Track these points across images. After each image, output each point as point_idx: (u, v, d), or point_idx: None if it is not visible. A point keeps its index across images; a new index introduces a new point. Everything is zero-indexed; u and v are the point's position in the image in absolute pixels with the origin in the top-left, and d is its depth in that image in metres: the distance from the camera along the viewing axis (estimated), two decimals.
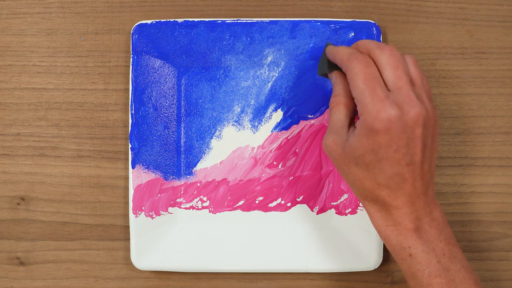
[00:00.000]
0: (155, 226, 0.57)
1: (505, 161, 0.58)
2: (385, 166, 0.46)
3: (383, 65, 0.47)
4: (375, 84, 0.46)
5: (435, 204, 0.48)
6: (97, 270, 0.58)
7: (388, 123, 0.45)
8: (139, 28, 0.57)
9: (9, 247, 0.58)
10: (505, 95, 0.59)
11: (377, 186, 0.47)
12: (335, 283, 0.58)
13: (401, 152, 0.45)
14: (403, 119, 0.45)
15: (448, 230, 0.48)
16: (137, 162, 0.57)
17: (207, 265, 0.56)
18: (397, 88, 0.46)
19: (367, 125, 0.45)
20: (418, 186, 0.46)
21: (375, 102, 0.45)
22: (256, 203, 0.58)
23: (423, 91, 0.47)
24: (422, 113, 0.45)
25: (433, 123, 0.47)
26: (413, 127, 0.45)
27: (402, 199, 0.46)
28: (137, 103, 0.57)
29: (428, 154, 0.47)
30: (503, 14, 0.59)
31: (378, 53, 0.47)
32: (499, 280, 0.58)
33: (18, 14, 0.59)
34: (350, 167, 0.47)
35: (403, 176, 0.46)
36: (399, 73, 0.46)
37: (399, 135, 0.45)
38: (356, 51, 0.48)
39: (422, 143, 0.46)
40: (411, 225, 0.47)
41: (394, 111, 0.45)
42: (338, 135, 0.48)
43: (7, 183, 0.58)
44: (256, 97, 0.58)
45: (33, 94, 0.59)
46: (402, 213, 0.47)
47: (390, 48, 0.47)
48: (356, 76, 0.46)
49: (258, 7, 0.59)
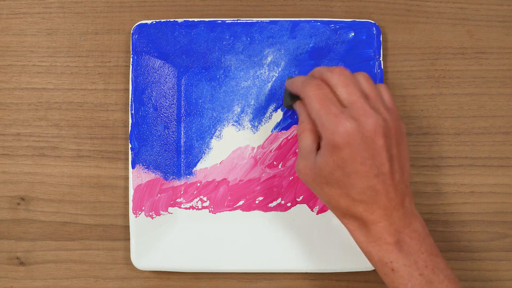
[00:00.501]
0: (155, 226, 0.57)
1: (505, 161, 0.58)
2: (354, 180, 0.46)
3: (335, 85, 0.48)
4: (328, 103, 0.47)
5: (415, 215, 0.48)
6: (97, 270, 0.58)
7: (347, 136, 0.45)
8: (139, 28, 0.57)
9: (9, 247, 0.58)
10: (505, 95, 0.59)
11: (352, 202, 0.47)
12: (335, 283, 0.58)
13: (367, 164, 0.46)
14: (360, 130, 0.46)
15: (430, 241, 0.48)
16: (137, 162, 0.57)
17: (207, 265, 0.56)
18: (351, 103, 0.47)
19: (329, 143, 0.46)
20: (392, 197, 0.47)
21: (331, 118, 0.46)
22: (256, 203, 0.58)
23: (379, 103, 0.48)
24: (380, 123, 0.46)
25: (395, 132, 0.47)
26: (373, 138, 0.46)
27: (378, 213, 0.47)
28: (137, 103, 0.57)
29: (397, 164, 0.47)
30: (503, 14, 0.59)
31: (329, 75, 0.48)
32: (499, 280, 0.58)
33: (18, 14, 0.59)
34: (323, 187, 0.48)
35: (375, 188, 0.46)
36: (350, 89, 0.47)
37: (360, 146, 0.46)
38: (309, 77, 0.50)
39: (386, 153, 0.46)
40: (391, 239, 0.47)
41: (350, 123, 0.46)
42: (308, 160, 0.49)
43: (7, 183, 0.58)
44: (256, 97, 0.58)
45: (33, 94, 0.59)
46: (381, 227, 0.47)
47: (340, 69, 0.48)
48: (310, 99, 0.48)
49: (258, 7, 0.59)
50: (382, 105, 0.48)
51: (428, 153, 0.58)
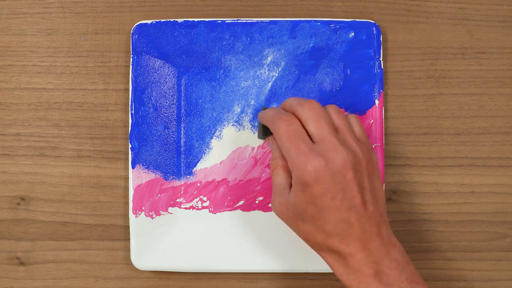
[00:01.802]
0: (155, 226, 0.57)
1: (505, 161, 0.58)
2: (327, 215, 0.47)
3: (305, 120, 0.48)
4: (298, 140, 0.47)
5: (392, 243, 0.48)
6: (97, 270, 0.58)
7: (316, 174, 0.46)
8: (139, 28, 0.57)
9: (9, 247, 0.58)
10: (505, 95, 0.59)
11: (327, 236, 0.47)
12: (335, 283, 0.58)
13: (337, 199, 0.46)
14: (329, 166, 0.46)
15: (410, 268, 0.48)
16: (137, 162, 0.57)
17: (207, 265, 0.56)
18: (321, 139, 0.47)
19: (299, 180, 0.47)
20: (367, 228, 0.47)
21: (300, 156, 0.47)
22: (256, 203, 0.58)
23: (349, 135, 0.48)
24: (348, 158, 0.47)
25: (366, 164, 0.48)
26: (343, 172, 0.46)
27: (354, 245, 0.47)
28: (137, 103, 0.57)
29: (369, 195, 0.47)
30: (503, 14, 0.59)
31: (299, 109, 0.49)
32: (499, 280, 0.58)
33: (18, 14, 0.59)
34: (298, 224, 0.48)
35: (349, 221, 0.46)
36: (320, 124, 0.48)
37: (330, 182, 0.46)
38: (280, 111, 0.50)
39: (357, 186, 0.47)
40: (370, 271, 0.47)
41: (319, 161, 0.46)
42: (282, 197, 0.49)
43: (7, 183, 0.58)
44: (256, 97, 0.58)
45: (33, 94, 0.59)
46: (359, 260, 0.47)
47: (310, 103, 0.49)
48: (281, 136, 0.48)
49: (258, 7, 0.59)
50: (352, 137, 0.48)
51: (428, 153, 0.58)
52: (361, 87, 0.57)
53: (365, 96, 0.57)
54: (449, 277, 0.58)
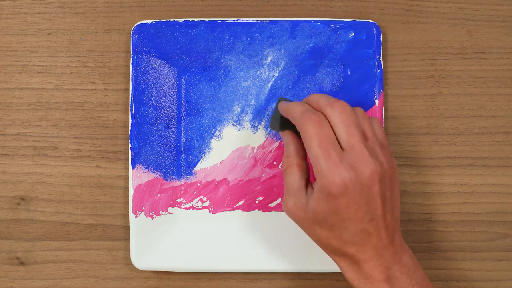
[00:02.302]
0: (155, 226, 0.57)
1: (505, 161, 0.58)
2: (348, 225, 0.46)
3: (335, 123, 0.47)
4: (329, 148, 0.46)
5: (404, 249, 0.48)
6: (97, 270, 0.58)
7: (344, 187, 0.45)
8: (139, 28, 0.57)
9: (9, 247, 0.58)
10: (505, 95, 0.59)
11: (344, 244, 0.47)
12: (335, 283, 0.58)
13: (362, 211, 0.46)
14: (358, 180, 0.46)
15: (420, 272, 0.48)
16: (137, 162, 0.57)
17: (207, 265, 0.56)
18: (350, 146, 0.46)
19: (325, 190, 0.46)
20: (383, 237, 0.47)
21: (330, 166, 0.46)
22: (256, 203, 0.58)
23: (376, 143, 0.48)
24: (377, 170, 0.46)
25: (390, 174, 0.48)
26: (370, 186, 0.46)
27: (370, 253, 0.47)
28: (137, 103, 0.57)
29: (389, 205, 0.47)
30: (503, 14, 0.59)
31: (329, 111, 0.47)
32: (499, 280, 0.58)
33: (18, 14, 0.59)
34: (315, 229, 0.48)
35: (368, 231, 0.47)
36: (351, 130, 0.47)
37: (357, 195, 0.46)
38: (309, 108, 0.48)
39: (381, 198, 0.47)
40: (382, 276, 0.47)
41: (349, 174, 0.45)
42: (297, 198, 0.48)
43: (7, 183, 0.58)
44: (256, 97, 0.58)
45: (33, 94, 0.59)
46: (372, 266, 0.47)
47: (341, 105, 0.48)
48: (311, 138, 0.47)
49: (258, 7, 0.59)
50: (378, 145, 0.48)
51: (428, 153, 0.58)
52: (361, 87, 0.57)
53: (365, 96, 0.57)
54: (449, 277, 0.58)
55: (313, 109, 0.49)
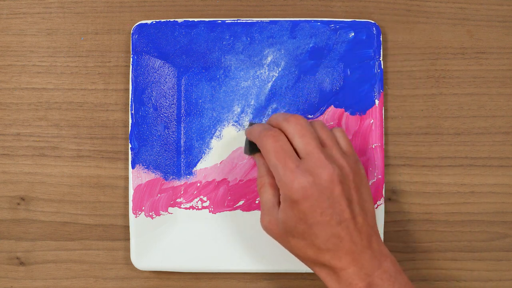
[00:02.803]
0: (155, 226, 0.57)
1: (505, 161, 0.58)
2: (317, 230, 0.47)
3: (291, 135, 0.48)
4: (285, 157, 0.47)
5: (384, 254, 0.48)
6: (97, 270, 0.58)
7: (304, 191, 0.46)
8: (139, 28, 0.57)
9: (9, 247, 0.58)
10: (505, 95, 0.59)
11: (319, 251, 0.47)
12: None
13: (327, 214, 0.46)
14: (317, 183, 0.46)
15: (402, 278, 0.48)
16: (137, 162, 0.57)
17: (207, 265, 0.56)
18: (307, 154, 0.47)
19: (287, 198, 0.47)
20: (357, 241, 0.47)
21: (287, 174, 0.47)
22: (256, 203, 0.58)
23: (335, 149, 0.49)
24: (335, 172, 0.47)
25: (353, 177, 0.48)
26: (330, 188, 0.46)
27: (345, 259, 0.47)
28: (137, 103, 0.57)
29: (358, 208, 0.48)
30: (503, 14, 0.59)
31: (285, 124, 0.49)
32: (499, 280, 0.58)
33: (18, 14, 0.59)
34: (289, 240, 0.49)
35: (339, 235, 0.47)
36: (306, 140, 0.48)
37: (318, 199, 0.46)
38: (267, 127, 0.50)
39: (346, 199, 0.47)
40: (362, 284, 0.47)
41: (306, 178, 0.46)
42: (271, 215, 0.49)
43: (7, 183, 0.58)
44: (256, 97, 0.58)
45: (33, 94, 0.59)
46: (351, 273, 0.47)
47: (296, 118, 0.49)
48: (268, 152, 0.48)
49: (258, 7, 0.59)
50: (339, 151, 0.49)
51: (428, 153, 0.58)
52: (361, 87, 0.57)
53: (365, 96, 0.57)
54: (449, 277, 0.58)
55: (271, 127, 0.50)
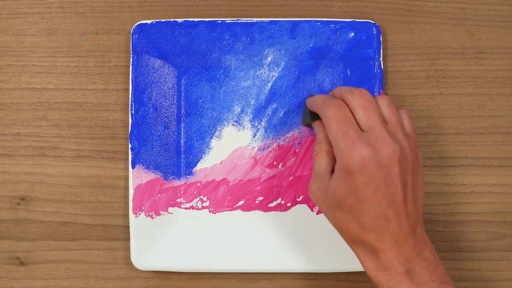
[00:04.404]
0: (155, 226, 0.57)
1: (505, 161, 0.58)
2: (367, 207, 0.46)
3: (354, 107, 0.47)
4: (347, 126, 0.46)
5: (426, 243, 0.48)
6: (97, 270, 0.58)
7: (362, 163, 0.45)
8: (139, 28, 0.57)
9: (9, 247, 0.58)
10: (505, 95, 0.59)
11: (363, 229, 0.46)
12: (335, 283, 0.58)
13: (380, 192, 0.45)
14: (377, 158, 0.45)
15: (441, 268, 0.47)
16: (137, 162, 0.57)
17: (207, 265, 0.56)
18: (370, 128, 0.46)
19: (343, 167, 0.46)
20: (404, 226, 0.46)
21: (348, 143, 0.46)
22: (256, 203, 0.58)
23: (398, 129, 0.48)
24: (396, 151, 0.45)
25: (412, 161, 0.47)
26: (389, 166, 0.45)
27: (389, 242, 0.46)
28: (137, 103, 0.57)
29: (410, 193, 0.47)
30: (503, 14, 0.59)
31: (349, 96, 0.48)
32: (499, 280, 0.58)
33: (18, 14, 0.59)
34: (334, 212, 0.47)
35: (387, 217, 0.46)
36: (370, 113, 0.47)
37: (375, 174, 0.45)
38: (330, 97, 0.49)
39: (401, 182, 0.46)
40: (401, 269, 0.46)
41: (367, 150, 0.45)
42: (321, 182, 0.48)
43: (7, 183, 0.58)
44: (256, 97, 0.58)
45: (33, 94, 0.59)
46: (391, 256, 0.46)
47: (360, 91, 0.48)
48: (329, 119, 0.47)
49: (258, 7, 0.59)
50: (402, 131, 0.48)
51: (428, 153, 0.58)
52: (361, 87, 0.57)
53: None
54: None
55: (334, 98, 0.49)
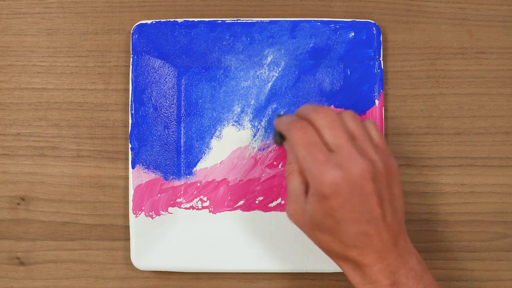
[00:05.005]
0: (155, 226, 0.57)
1: (505, 161, 0.58)
2: (346, 227, 0.45)
3: (320, 127, 0.46)
4: (314, 150, 0.45)
5: (410, 252, 0.47)
6: (97, 270, 0.58)
7: (335, 186, 0.44)
8: (139, 28, 0.57)
9: (9, 247, 0.58)
10: (505, 95, 0.59)
11: (345, 247, 0.46)
12: (335, 283, 0.58)
13: (357, 211, 0.45)
14: (348, 178, 0.44)
15: (428, 276, 0.47)
16: (137, 162, 0.57)
17: (207, 265, 0.56)
18: (338, 147, 0.46)
19: (317, 191, 0.45)
20: (385, 239, 0.46)
21: (317, 166, 0.45)
22: (256, 203, 0.58)
23: (367, 143, 0.47)
24: (368, 168, 0.45)
25: (386, 173, 0.46)
26: (362, 184, 0.45)
27: (372, 256, 0.46)
28: (137, 103, 0.57)
29: (388, 206, 0.46)
30: (503, 14, 0.59)
31: (314, 116, 0.47)
32: (499, 280, 0.58)
33: (18, 14, 0.59)
34: (315, 233, 0.47)
35: (367, 233, 0.45)
36: (336, 132, 0.46)
37: (348, 195, 0.45)
38: (296, 118, 0.48)
39: (377, 197, 0.45)
40: (387, 281, 0.46)
41: (337, 172, 0.44)
42: (298, 204, 0.48)
43: (7, 183, 0.58)
44: (256, 97, 0.58)
45: (33, 94, 0.59)
46: (376, 271, 0.46)
47: (324, 109, 0.47)
48: (296, 144, 0.46)
49: (258, 7, 0.59)
50: (371, 144, 0.47)
51: (428, 153, 0.58)
52: (361, 87, 0.57)
53: (365, 96, 0.57)
54: (449, 277, 0.58)
55: (299, 118, 0.48)
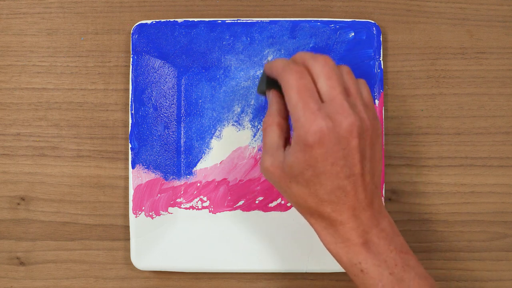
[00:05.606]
0: (155, 226, 0.57)
1: (505, 161, 0.58)
2: (324, 180, 0.45)
3: (317, 74, 0.46)
4: (307, 97, 0.45)
5: (383, 215, 0.47)
6: (97, 270, 0.58)
7: (321, 136, 0.44)
8: (139, 28, 0.57)
9: (9, 247, 0.58)
10: (505, 95, 0.59)
11: (320, 202, 0.46)
12: (335, 283, 0.58)
13: (338, 165, 0.45)
14: (336, 130, 0.44)
15: (399, 239, 0.47)
16: (137, 162, 0.57)
17: (207, 265, 0.56)
18: (330, 98, 0.45)
19: (301, 140, 0.44)
20: (361, 198, 0.46)
21: (307, 115, 0.44)
22: (256, 203, 0.58)
23: (358, 100, 0.46)
24: (356, 123, 0.44)
25: (371, 133, 0.46)
26: (348, 138, 0.44)
27: (346, 214, 0.46)
28: (137, 103, 0.57)
29: (368, 165, 0.46)
30: (503, 14, 0.59)
31: (312, 63, 0.46)
32: (499, 280, 0.58)
33: (18, 14, 0.59)
34: (291, 187, 0.46)
35: (345, 189, 0.45)
36: (332, 83, 0.45)
37: (333, 147, 0.44)
38: (291, 62, 0.47)
39: (359, 154, 0.45)
40: (359, 240, 0.46)
41: (326, 123, 0.44)
42: (275, 157, 0.47)
43: (7, 183, 0.58)
44: (256, 97, 0.58)
45: (33, 94, 0.59)
46: (349, 228, 0.46)
47: (324, 58, 0.46)
48: (290, 88, 0.45)
49: (258, 7, 0.59)
50: (361, 102, 0.46)
51: (428, 153, 0.58)
52: None
53: None
54: (449, 277, 0.58)
55: (296, 62, 0.47)
